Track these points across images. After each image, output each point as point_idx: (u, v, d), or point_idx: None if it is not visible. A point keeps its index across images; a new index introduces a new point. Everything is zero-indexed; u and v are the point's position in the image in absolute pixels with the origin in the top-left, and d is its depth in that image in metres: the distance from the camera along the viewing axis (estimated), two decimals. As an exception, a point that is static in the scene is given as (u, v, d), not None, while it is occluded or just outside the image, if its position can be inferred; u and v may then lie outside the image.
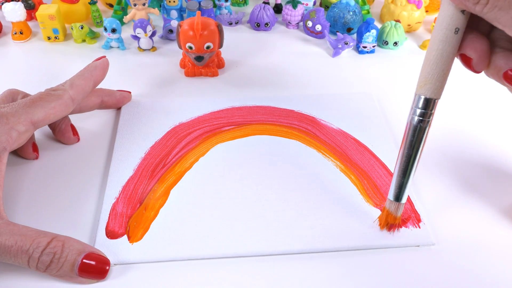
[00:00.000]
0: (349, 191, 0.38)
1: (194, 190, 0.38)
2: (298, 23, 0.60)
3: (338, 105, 0.46)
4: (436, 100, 0.29)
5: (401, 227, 0.34)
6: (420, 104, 0.29)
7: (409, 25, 0.59)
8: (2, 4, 0.57)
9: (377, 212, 0.36)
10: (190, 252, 0.33)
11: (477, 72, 0.29)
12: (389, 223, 0.34)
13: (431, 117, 0.30)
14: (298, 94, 0.49)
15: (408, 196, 0.37)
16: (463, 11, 0.27)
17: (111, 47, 0.56)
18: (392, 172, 0.38)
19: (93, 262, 0.31)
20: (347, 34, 0.55)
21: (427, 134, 0.30)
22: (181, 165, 0.40)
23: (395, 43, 0.56)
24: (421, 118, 0.30)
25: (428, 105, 0.29)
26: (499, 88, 0.50)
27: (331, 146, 0.42)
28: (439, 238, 0.35)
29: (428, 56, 0.29)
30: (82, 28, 0.55)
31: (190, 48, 0.48)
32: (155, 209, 0.36)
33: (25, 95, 0.40)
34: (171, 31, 0.57)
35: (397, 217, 0.33)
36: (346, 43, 0.55)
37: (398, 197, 0.32)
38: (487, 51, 0.28)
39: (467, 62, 0.28)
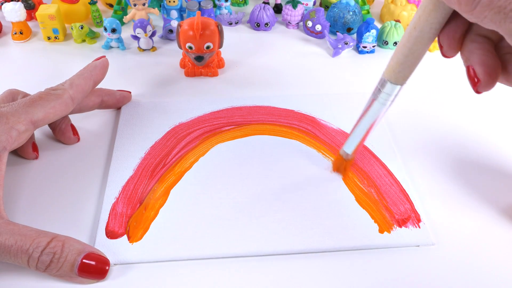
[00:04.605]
0: (349, 191, 0.38)
1: (194, 190, 0.38)
2: (298, 23, 0.60)
3: (338, 105, 0.46)
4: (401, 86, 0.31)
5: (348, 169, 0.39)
6: (385, 89, 0.31)
7: (409, 25, 0.59)
8: (2, 4, 0.57)
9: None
10: (190, 252, 0.33)
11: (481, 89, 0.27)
12: (339, 166, 0.38)
13: (391, 99, 0.32)
14: (298, 94, 0.49)
15: (408, 196, 0.37)
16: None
17: (111, 47, 0.56)
18: (392, 172, 0.39)
19: (93, 262, 0.31)
20: (347, 34, 0.55)
21: (383, 112, 0.33)
22: (181, 165, 0.40)
23: (395, 43, 0.56)
24: (382, 99, 0.32)
25: (392, 90, 0.31)
26: (500, 88, 0.51)
27: (331, 146, 0.42)
28: (439, 238, 0.35)
29: (403, 46, 0.28)
30: (82, 28, 0.55)
31: (190, 48, 0.48)
32: (155, 209, 0.36)
33: (25, 95, 0.40)
34: (171, 31, 0.57)
35: (348, 160, 0.38)
36: (346, 43, 0.55)
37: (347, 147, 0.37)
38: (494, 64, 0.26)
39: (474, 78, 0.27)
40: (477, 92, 0.27)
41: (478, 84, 0.27)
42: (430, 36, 0.27)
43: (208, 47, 0.48)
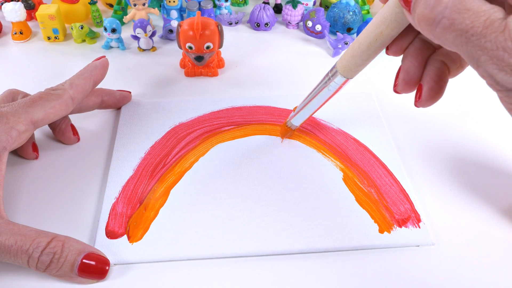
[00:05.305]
0: (349, 191, 0.38)
1: (194, 190, 0.38)
2: (298, 23, 0.60)
3: (338, 105, 0.46)
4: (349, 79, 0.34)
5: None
6: (337, 79, 0.34)
7: (409, 25, 0.59)
8: (2, 4, 0.57)
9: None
10: (190, 252, 0.33)
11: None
12: (286, 134, 0.42)
13: (337, 88, 0.35)
14: (298, 94, 0.48)
15: (408, 196, 0.37)
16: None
17: (111, 47, 0.56)
18: (392, 172, 0.39)
19: (93, 262, 0.31)
20: (347, 34, 0.55)
21: (331, 97, 0.37)
22: (181, 165, 0.40)
23: (395, 43, 0.56)
24: (333, 87, 0.35)
25: (340, 80, 0.34)
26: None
27: (331, 146, 0.42)
28: (439, 238, 0.35)
29: (363, 52, 0.31)
30: (82, 28, 0.55)
31: (190, 48, 0.48)
32: (155, 209, 0.36)
33: (25, 95, 0.40)
34: (171, 31, 0.57)
35: (294, 130, 0.42)
36: (346, 43, 0.55)
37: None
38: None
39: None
40: (395, 91, 0.32)
41: (396, 85, 0.31)
42: (387, 44, 0.30)
43: (208, 47, 0.48)
